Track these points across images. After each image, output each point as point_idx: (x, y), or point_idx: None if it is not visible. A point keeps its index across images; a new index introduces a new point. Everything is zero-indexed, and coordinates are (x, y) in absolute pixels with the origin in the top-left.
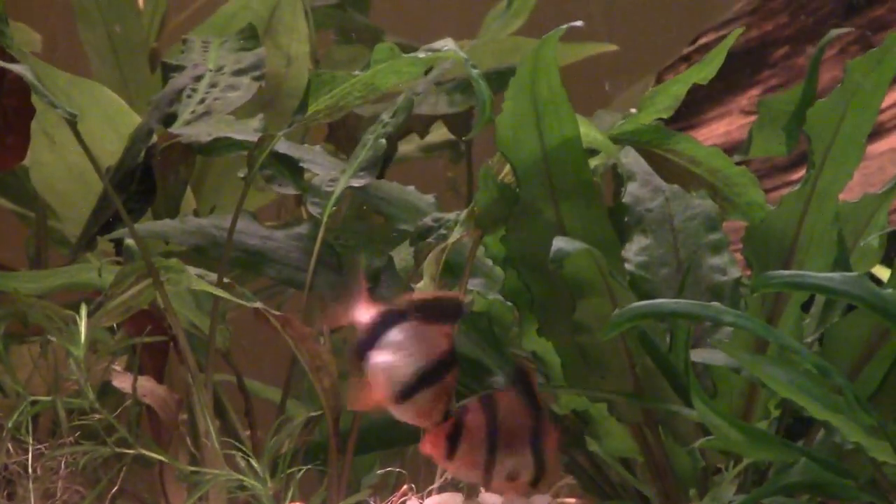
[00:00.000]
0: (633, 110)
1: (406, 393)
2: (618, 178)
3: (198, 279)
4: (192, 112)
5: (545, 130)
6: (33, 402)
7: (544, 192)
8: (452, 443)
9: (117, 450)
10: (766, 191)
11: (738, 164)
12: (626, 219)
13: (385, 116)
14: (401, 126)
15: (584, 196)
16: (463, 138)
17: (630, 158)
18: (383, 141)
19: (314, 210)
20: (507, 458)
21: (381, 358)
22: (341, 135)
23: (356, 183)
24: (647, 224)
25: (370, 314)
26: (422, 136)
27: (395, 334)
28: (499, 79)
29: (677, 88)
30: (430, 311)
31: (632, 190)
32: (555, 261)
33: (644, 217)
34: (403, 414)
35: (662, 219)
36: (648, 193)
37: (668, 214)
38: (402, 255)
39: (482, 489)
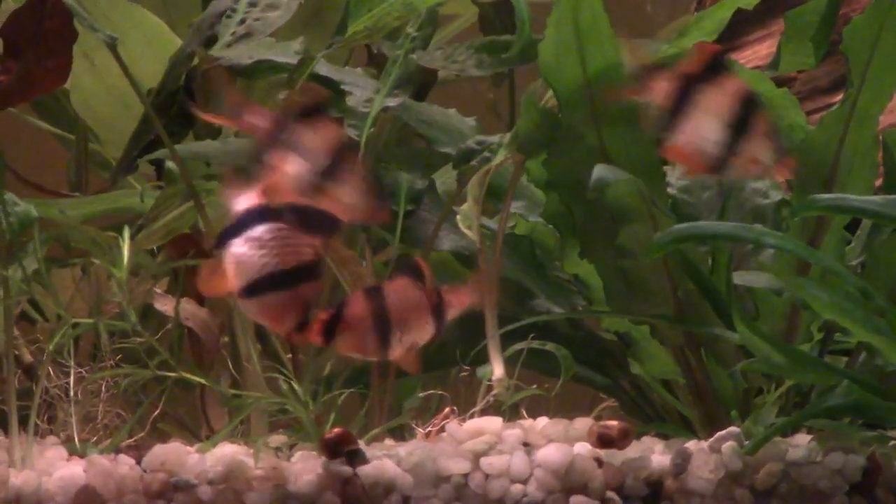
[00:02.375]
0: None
1: (251, 290)
2: None
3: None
4: (233, 33)
5: (587, 56)
6: (74, 325)
7: (587, 117)
8: (328, 334)
9: (158, 373)
10: (808, 113)
11: (779, 85)
12: None
13: (411, 30)
14: (428, 40)
15: (627, 121)
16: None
17: None
18: (414, 56)
19: (353, 132)
20: (406, 335)
21: (237, 248)
22: (382, 58)
23: (391, 102)
24: None
25: (245, 204)
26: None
27: (259, 230)
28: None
29: (722, 13)
30: (304, 219)
31: None
32: (595, 188)
33: None
34: (248, 310)
35: None
36: None
37: None
38: (445, 177)
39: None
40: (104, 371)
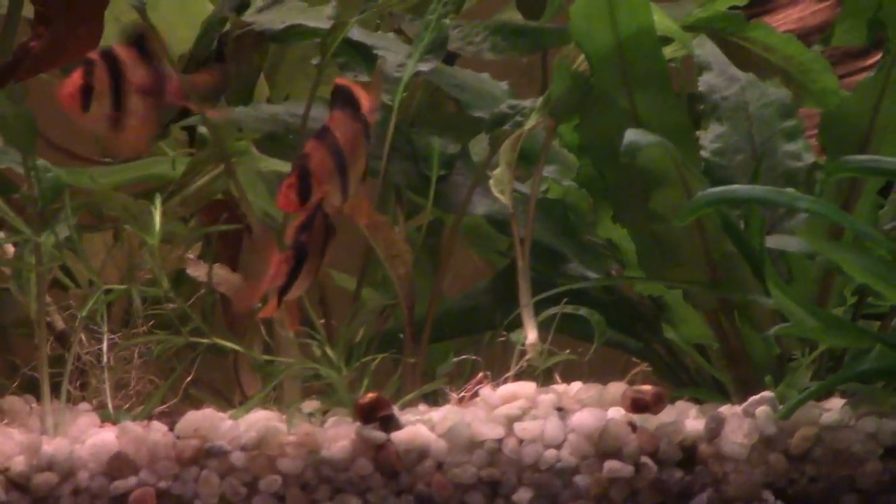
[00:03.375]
0: None
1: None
2: None
3: (269, 160)
4: None
5: (619, 19)
6: (107, 292)
7: (618, 81)
8: (305, 187)
9: (191, 339)
10: (838, 77)
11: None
12: (701, 107)
13: None
14: (461, 4)
15: (658, 85)
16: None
17: (706, 49)
18: (447, 21)
19: (385, 97)
20: (356, 167)
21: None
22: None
23: (424, 67)
24: (723, 112)
25: None
26: None
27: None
28: None
29: None
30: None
31: (707, 80)
32: (626, 153)
33: (719, 105)
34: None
35: (737, 106)
36: (724, 83)
37: (743, 102)
38: (478, 142)
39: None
40: (137, 338)
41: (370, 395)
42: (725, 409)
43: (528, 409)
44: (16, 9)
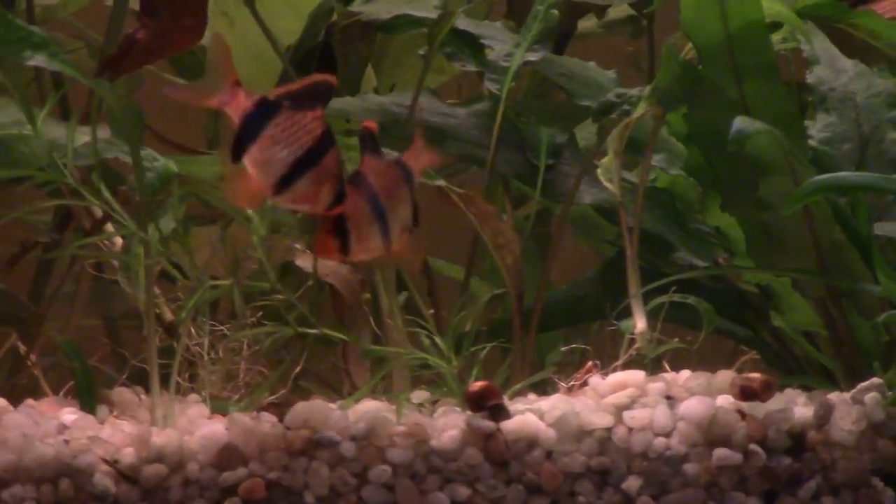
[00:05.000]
0: None
1: (285, 183)
2: None
3: None
4: None
5: (728, 9)
6: (214, 286)
7: (727, 70)
8: (342, 236)
9: (300, 330)
10: None
11: None
12: (809, 98)
13: None
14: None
15: (767, 74)
16: (644, 11)
17: (815, 42)
18: (555, 11)
19: (492, 86)
20: (398, 213)
21: (257, 154)
22: (521, 10)
23: (532, 56)
24: (830, 102)
25: (243, 108)
26: (599, 17)
27: (267, 126)
28: None
29: None
30: (300, 98)
31: (816, 72)
32: (734, 141)
33: (827, 96)
34: (286, 202)
35: (845, 96)
36: (832, 74)
37: (851, 92)
38: (585, 131)
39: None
40: (245, 329)
41: (480, 383)
42: (834, 396)
43: (638, 398)
44: (122, 0)
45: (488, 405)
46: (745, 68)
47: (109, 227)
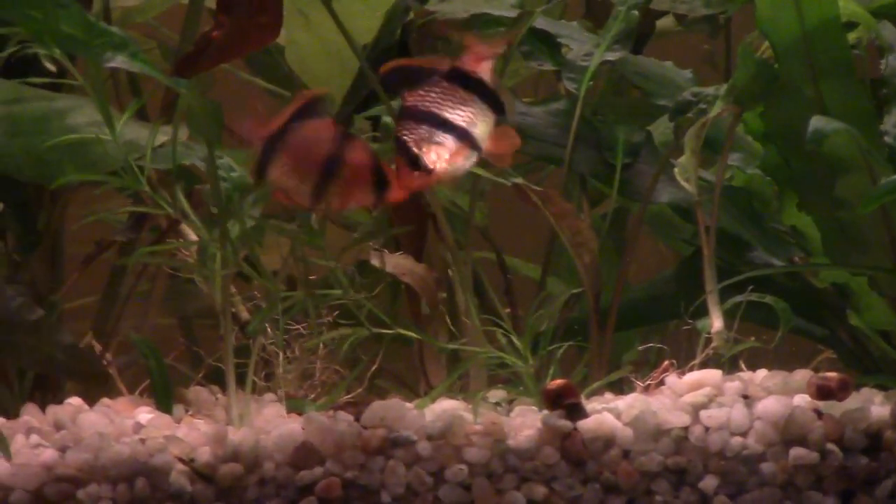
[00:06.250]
0: None
1: (319, 192)
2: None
3: None
4: None
5: (804, 8)
6: (289, 285)
7: (804, 69)
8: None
9: (375, 330)
10: None
11: None
12: (884, 91)
13: None
14: None
15: (844, 73)
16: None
17: (889, 31)
18: (635, 12)
19: (570, 86)
20: (468, 117)
21: (281, 171)
22: (599, 11)
23: (611, 56)
24: None
25: (262, 134)
26: (678, 17)
27: (280, 150)
28: None
29: None
30: (303, 112)
31: (891, 62)
32: (812, 141)
33: None
34: (330, 204)
35: None
36: None
37: None
38: (661, 129)
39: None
40: (321, 329)
41: (558, 381)
42: None
43: (714, 397)
44: None
45: (566, 403)
46: (821, 66)
47: (185, 226)
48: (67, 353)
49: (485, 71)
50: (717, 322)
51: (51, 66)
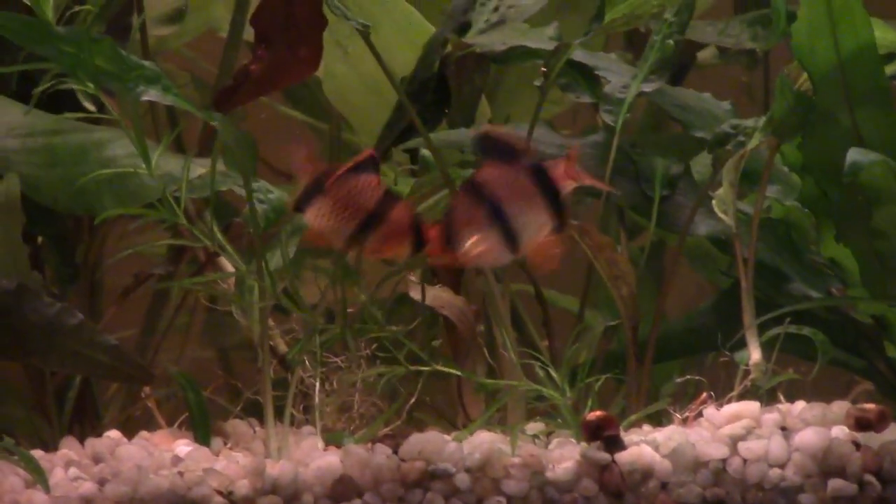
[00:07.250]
0: None
1: (356, 239)
2: None
3: None
4: (486, 21)
5: (840, 37)
6: (328, 318)
7: (840, 99)
8: (450, 238)
9: (412, 368)
10: None
11: None
12: None
13: (669, 16)
14: (685, 25)
15: (880, 102)
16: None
17: None
18: (671, 42)
19: (608, 118)
20: (525, 217)
21: (318, 212)
22: (639, 43)
23: (647, 87)
24: None
25: (310, 171)
26: (719, 49)
27: (334, 189)
28: None
29: None
30: (358, 166)
31: None
32: (849, 173)
33: None
34: (368, 250)
35: None
36: None
37: None
38: (700, 162)
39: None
40: (359, 361)
41: (597, 413)
42: None
43: (753, 429)
44: (237, 32)
45: (604, 435)
46: (857, 94)
47: (223, 259)
48: (110, 354)
49: (566, 188)
50: (755, 354)
51: (87, 103)
